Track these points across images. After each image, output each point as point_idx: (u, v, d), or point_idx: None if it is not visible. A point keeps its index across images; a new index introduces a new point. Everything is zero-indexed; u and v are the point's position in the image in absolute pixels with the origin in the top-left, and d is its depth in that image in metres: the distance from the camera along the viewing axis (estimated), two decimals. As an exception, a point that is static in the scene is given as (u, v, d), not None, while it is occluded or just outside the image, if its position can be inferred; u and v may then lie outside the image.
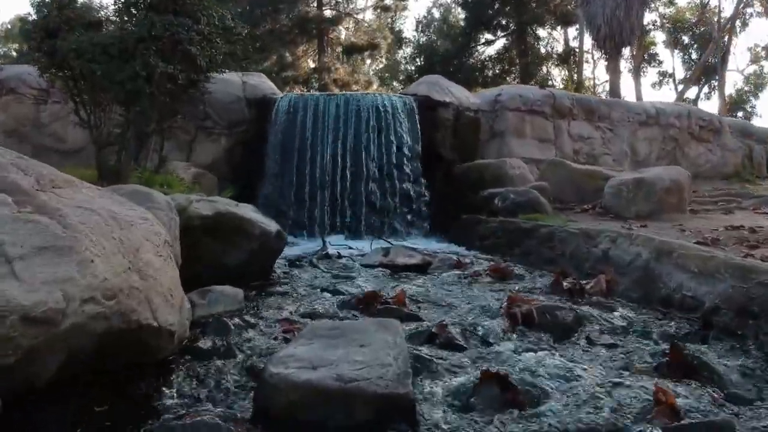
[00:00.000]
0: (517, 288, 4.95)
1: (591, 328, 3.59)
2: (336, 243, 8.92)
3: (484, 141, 11.39)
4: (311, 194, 10.02)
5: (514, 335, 3.45)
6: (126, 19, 7.63)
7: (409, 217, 10.03)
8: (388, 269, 6.07)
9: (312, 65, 30.45)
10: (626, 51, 25.24)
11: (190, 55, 6.92)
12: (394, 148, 10.12)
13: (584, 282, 4.71)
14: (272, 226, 5.58)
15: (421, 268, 6.12)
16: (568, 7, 27.43)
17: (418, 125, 10.31)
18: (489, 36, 28.43)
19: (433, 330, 3.40)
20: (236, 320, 3.65)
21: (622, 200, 8.29)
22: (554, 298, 4.39)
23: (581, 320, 3.67)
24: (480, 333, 3.46)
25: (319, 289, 5.00)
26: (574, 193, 9.57)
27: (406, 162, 10.16)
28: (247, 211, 5.55)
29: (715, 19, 32.98)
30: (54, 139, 10.94)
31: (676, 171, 8.86)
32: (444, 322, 3.53)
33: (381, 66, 41.29)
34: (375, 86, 31.47)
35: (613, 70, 23.05)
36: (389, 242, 8.52)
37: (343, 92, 9.62)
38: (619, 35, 22.45)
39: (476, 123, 11.23)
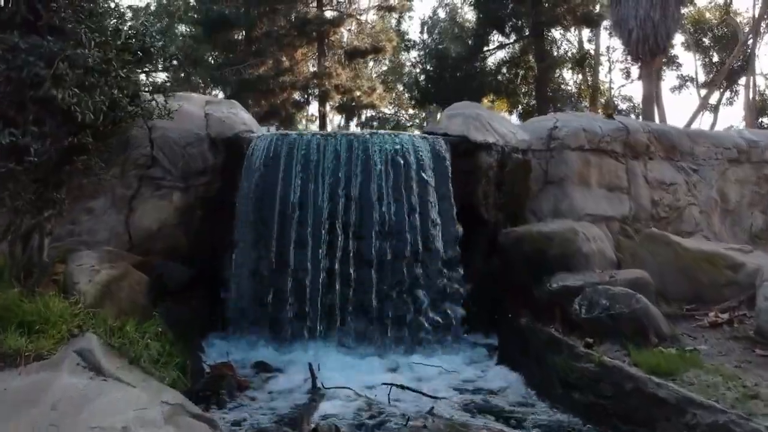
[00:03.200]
0: None
1: None
2: (332, 364, 5.64)
3: (536, 191, 7.95)
4: (297, 282, 6.63)
5: None
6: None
7: (437, 317, 6.62)
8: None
9: (311, 70, 26.88)
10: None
11: (54, 105, 3.53)
12: (417, 211, 6.69)
13: None
14: None
15: None
16: (591, 7, 23.86)
17: (451, 177, 6.88)
18: (502, 39, 24.79)
19: None
20: None
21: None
22: None
23: None
24: None
25: None
26: (683, 285, 6.18)
27: (432, 230, 6.74)
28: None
29: (739, 20, 29.42)
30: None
31: None
32: None
33: (384, 68, 37.74)
34: (379, 92, 27.91)
35: (648, 78, 19.52)
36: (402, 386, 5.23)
37: (345, 131, 5.98)
38: (654, 39, 18.89)
39: (526, 167, 7.78)
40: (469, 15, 34.58)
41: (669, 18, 18.84)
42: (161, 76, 4.89)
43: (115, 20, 4.02)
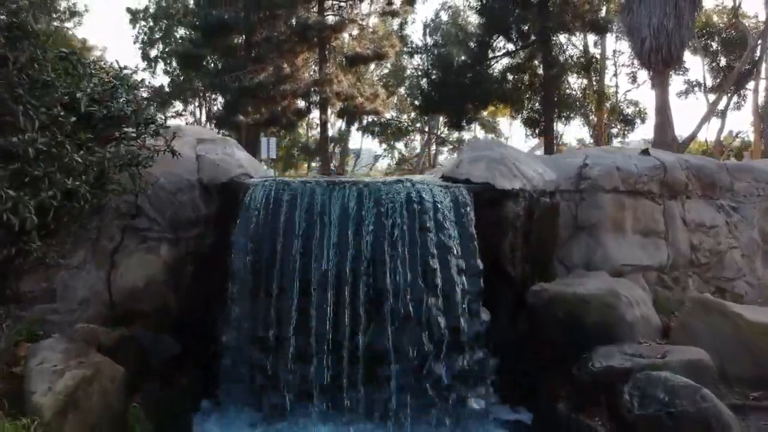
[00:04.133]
0: None
1: None
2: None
3: (565, 238, 7.04)
4: (300, 353, 5.75)
5: None
6: None
7: (458, 392, 5.74)
8: None
9: (312, 77, 25.92)
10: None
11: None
12: (437, 272, 5.79)
13: None
14: None
15: None
16: (599, 13, 22.93)
17: (474, 231, 5.98)
18: (507, 45, 23.83)
19: None
20: None
21: None
22: None
23: None
24: None
25: None
26: (745, 365, 5.28)
27: (456, 292, 5.84)
28: None
29: (746, 22, 28.48)
30: None
31: None
32: None
33: (386, 71, 36.79)
34: (382, 98, 26.94)
35: (661, 88, 18.58)
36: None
37: (355, 179, 5.02)
38: (668, 48, 17.95)
39: (554, 211, 6.88)
40: (472, 18, 33.64)
41: (683, 27, 17.90)
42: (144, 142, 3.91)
43: (69, 87, 3.14)
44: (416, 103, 26.34)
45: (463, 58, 26.67)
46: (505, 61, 24.25)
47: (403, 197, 5.78)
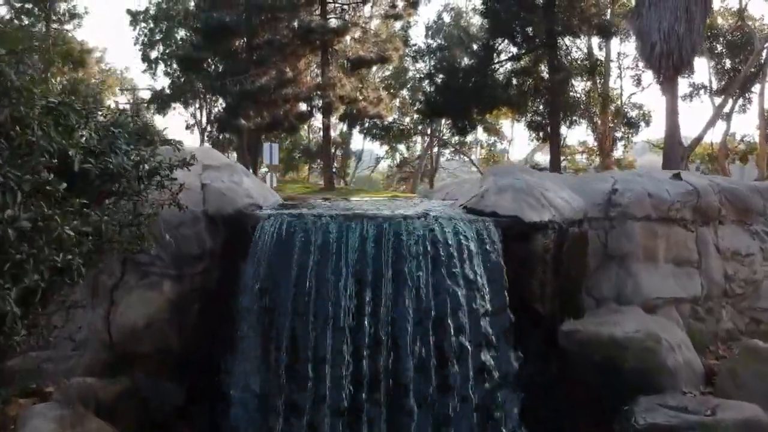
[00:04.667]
0: None
1: None
2: None
3: (594, 268, 6.55)
4: (315, 401, 5.27)
5: None
6: None
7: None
8: None
9: (315, 81, 25.39)
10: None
11: None
12: (464, 312, 5.32)
13: None
14: None
15: None
16: (606, 16, 22.43)
17: (503, 267, 5.51)
18: (513, 49, 23.29)
19: None
20: None
21: None
22: None
23: None
24: None
25: None
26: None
27: (484, 332, 5.38)
28: None
29: (751, 24, 27.97)
30: None
31: None
32: None
33: (387, 73, 36.28)
34: (385, 102, 26.44)
35: (671, 94, 18.10)
36: None
37: (374, 213, 4.51)
38: (678, 53, 17.45)
39: (583, 241, 6.40)
40: (475, 20, 33.15)
41: (694, 31, 17.40)
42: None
43: (60, 142, 2.65)
44: (420, 107, 25.79)
45: (467, 61, 26.20)
46: (510, 64, 23.68)
47: (426, 233, 5.30)
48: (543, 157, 40.23)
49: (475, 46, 25.87)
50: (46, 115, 2.67)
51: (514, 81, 23.51)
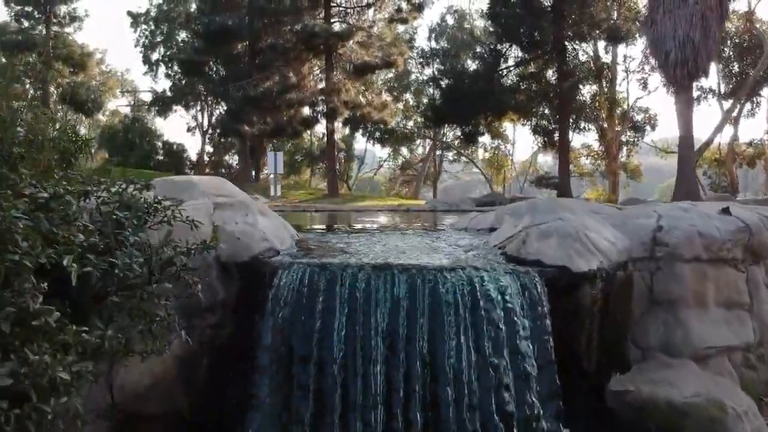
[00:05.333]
0: None
1: None
2: None
3: (639, 314, 5.95)
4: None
5: None
6: None
7: None
8: None
9: (319, 86, 24.79)
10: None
11: None
12: (506, 374, 4.72)
13: None
14: None
15: None
16: (616, 21, 21.80)
17: (549, 323, 4.91)
18: (521, 54, 22.69)
19: None
20: None
21: None
22: None
23: None
24: None
25: None
26: None
27: (529, 395, 4.77)
28: None
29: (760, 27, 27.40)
30: None
31: None
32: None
33: (390, 75, 35.62)
34: (390, 108, 25.80)
35: (686, 104, 17.50)
36: None
37: (406, 262, 3.82)
38: (694, 62, 16.87)
39: (628, 285, 5.79)
40: (478, 22, 32.54)
41: (710, 38, 16.81)
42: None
43: (52, 245, 2.05)
44: (426, 113, 25.16)
45: (472, 64, 25.59)
46: (518, 69, 23.08)
47: (465, 288, 4.70)
48: (545, 158, 39.71)
49: (478, 48, 25.28)
50: (34, 211, 2.08)
51: (523, 86, 22.94)
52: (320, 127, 27.66)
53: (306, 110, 25.44)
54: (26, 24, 29.94)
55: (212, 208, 5.61)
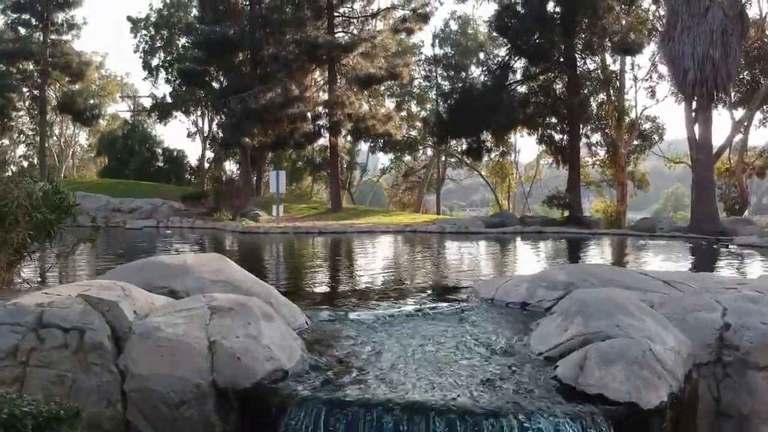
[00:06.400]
0: None
1: None
2: None
3: (703, 430, 5.06)
4: None
5: None
6: None
7: None
8: None
9: (322, 97, 23.77)
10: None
11: None
12: None
13: None
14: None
15: None
16: (630, 35, 20.79)
17: (614, 473, 3.98)
18: (530, 67, 21.71)
19: None
20: None
21: None
22: None
23: None
24: None
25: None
26: None
27: None
28: None
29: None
30: None
31: None
32: None
33: (393, 83, 34.57)
34: (394, 121, 24.83)
35: (705, 124, 16.55)
36: None
37: (444, 406, 2.81)
38: (713, 80, 15.91)
39: (693, 399, 4.89)
40: (482, 28, 31.56)
41: (731, 57, 15.84)
42: None
43: None
44: (433, 130, 24.19)
45: (479, 74, 24.65)
46: (527, 83, 22.13)
47: (517, 437, 3.77)
48: (547, 161, 38.69)
49: (482, 56, 24.35)
50: None
51: (532, 99, 22.00)
52: (323, 139, 26.68)
53: (309, 124, 24.45)
54: (23, 32, 28.89)
55: (208, 314, 4.68)
